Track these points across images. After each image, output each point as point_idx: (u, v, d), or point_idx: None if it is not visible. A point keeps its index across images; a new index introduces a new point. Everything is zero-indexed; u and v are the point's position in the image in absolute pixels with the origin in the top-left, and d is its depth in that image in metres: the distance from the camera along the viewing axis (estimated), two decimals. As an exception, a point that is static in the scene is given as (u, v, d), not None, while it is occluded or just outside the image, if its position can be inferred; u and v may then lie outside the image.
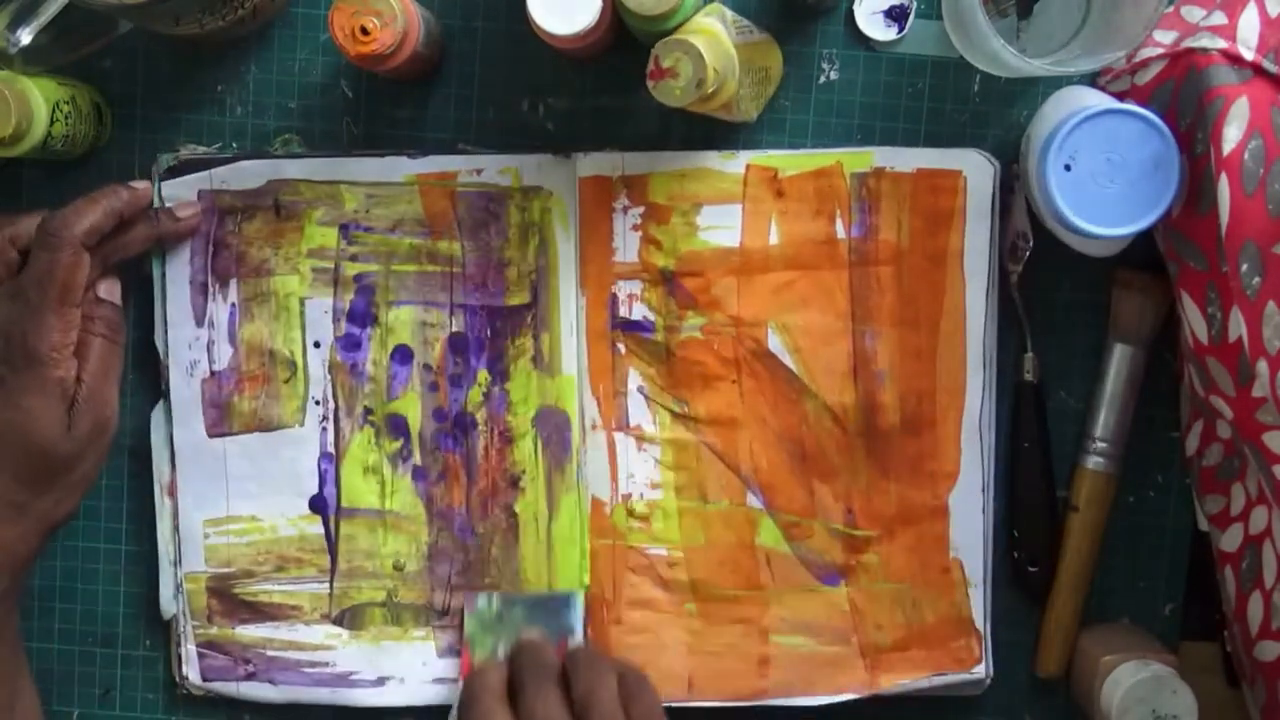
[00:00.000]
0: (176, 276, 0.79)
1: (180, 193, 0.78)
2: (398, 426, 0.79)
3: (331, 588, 0.79)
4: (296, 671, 0.80)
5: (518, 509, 0.79)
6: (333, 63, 0.79)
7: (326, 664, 0.80)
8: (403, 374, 0.79)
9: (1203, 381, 0.71)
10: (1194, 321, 0.70)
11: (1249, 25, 0.66)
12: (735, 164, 0.77)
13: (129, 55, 0.79)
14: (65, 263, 0.71)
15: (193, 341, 0.79)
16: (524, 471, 0.78)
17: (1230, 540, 0.74)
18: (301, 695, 0.80)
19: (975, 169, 0.76)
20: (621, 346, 0.78)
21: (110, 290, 0.76)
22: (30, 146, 0.73)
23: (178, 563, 0.80)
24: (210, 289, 0.79)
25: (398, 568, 0.79)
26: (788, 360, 0.78)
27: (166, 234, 0.77)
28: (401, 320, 0.79)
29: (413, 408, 0.79)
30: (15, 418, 0.71)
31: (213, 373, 0.79)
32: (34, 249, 0.72)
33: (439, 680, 0.79)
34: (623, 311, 0.78)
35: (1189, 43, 0.67)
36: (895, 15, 0.77)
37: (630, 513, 0.78)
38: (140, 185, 0.77)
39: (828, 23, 0.78)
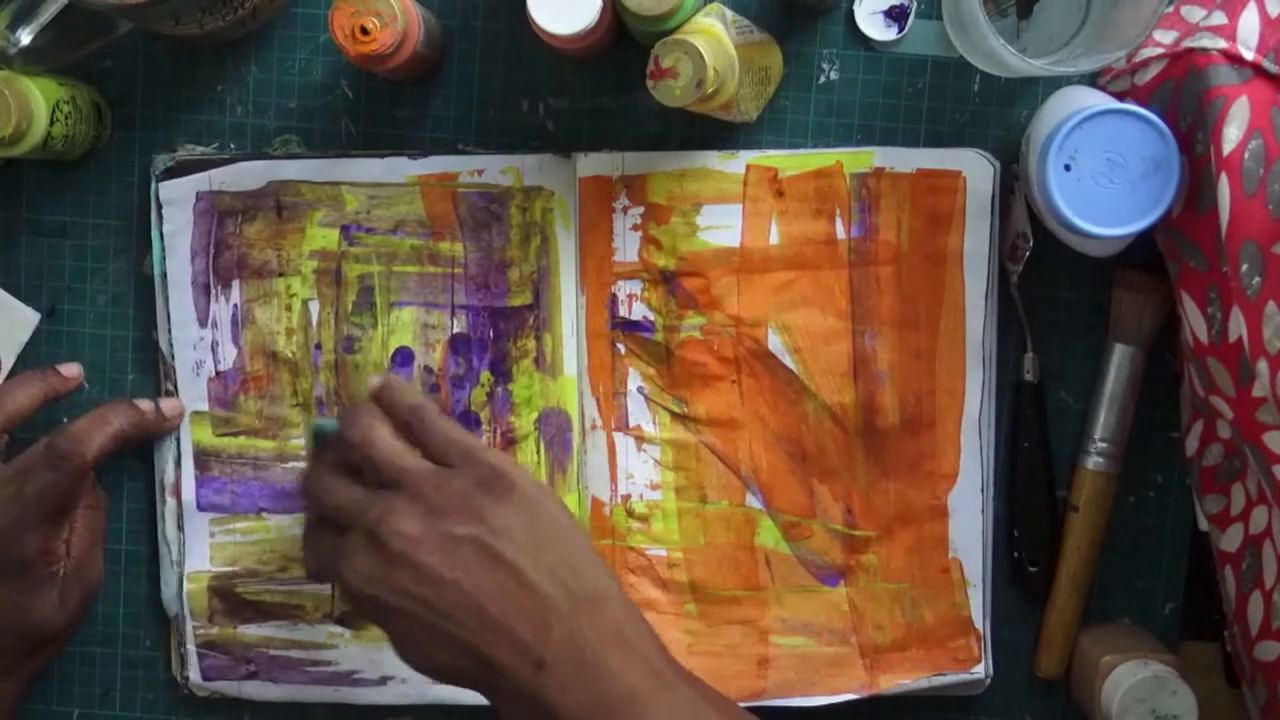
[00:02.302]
0: (178, 277, 0.78)
1: (178, 194, 0.78)
2: (398, 426, 0.79)
3: (334, 588, 0.79)
4: (299, 670, 0.80)
5: (518, 509, 0.78)
6: (333, 63, 0.79)
7: (329, 663, 0.80)
8: (404, 375, 0.79)
9: (1203, 381, 0.71)
10: (1194, 321, 0.70)
11: (1249, 25, 0.66)
12: (735, 164, 0.77)
13: (129, 55, 0.79)
14: (69, 483, 0.73)
15: (197, 342, 0.79)
16: (525, 472, 0.79)
17: (1230, 540, 0.74)
18: (304, 694, 0.80)
19: (975, 169, 0.76)
20: (621, 346, 0.78)
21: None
22: (30, 146, 0.73)
23: (180, 562, 0.80)
24: (213, 290, 0.79)
25: (398, 567, 0.79)
26: (787, 360, 0.78)
27: (151, 432, 0.78)
28: (403, 322, 0.79)
29: (413, 408, 0.79)
30: (11, 613, 0.74)
31: (218, 373, 0.79)
32: (40, 463, 0.73)
33: (441, 680, 0.80)
34: (622, 311, 0.78)
35: (1189, 43, 0.67)
36: (895, 15, 0.77)
37: (630, 513, 0.78)
38: (144, 404, 0.77)
39: (828, 23, 0.78)
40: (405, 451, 0.67)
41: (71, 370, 0.78)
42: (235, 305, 0.79)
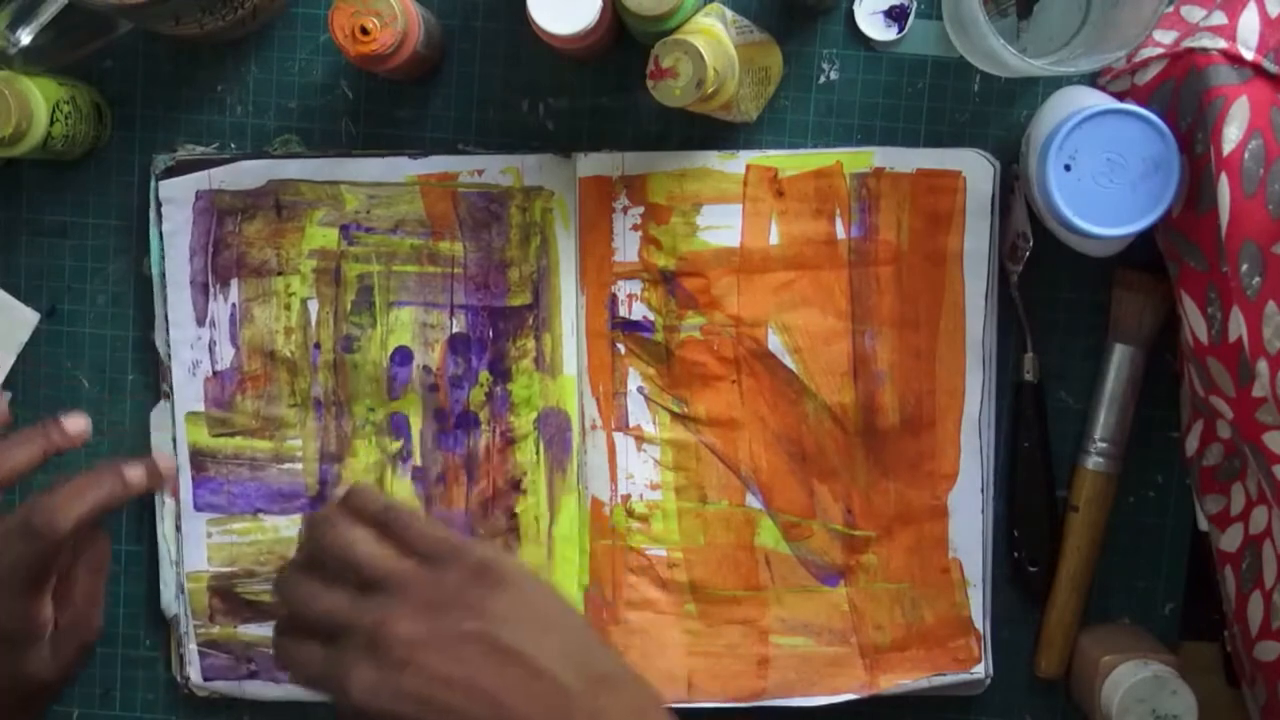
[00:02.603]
0: (177, 276, 0.78)
1: (178, 193, 0.78)
2: (399, 426, 0.79)
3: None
4: (298, 671, 0.80)
5: (518, 510, 0.79)
6: (333, 63, 0.79)
7: (328, 663, 0.80)
8: (403, 375, 0.79)
9: (1203, 381, 0.71)
10: (1194, 321, 0.70)
11: (1249, 25, 0.66)
12: (735, 164, 0.77)
13: (129, 55, 0.79)
14: (44, 556, 0.69)
15: (194, 341, 0.79)
16: (525, 474, 0.78)
17: (1230, 540, 0.74)
18: (304, 693, 0.80)
19: (975, 169, 0.76)
20: (621, 346, 0.78)
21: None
22: (30, 146, 0.73)
23: (179, 562, 0.80)
24: (211, 289, 0.79)
25: (398, 568, 0.79)
26: (787, 360, 0.78)
27: (152, 489, 0.76)
28: (402, 321, 0.79)
29: (414, 407, 0.79)
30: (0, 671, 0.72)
31: (215, 373, 0.79)
32: (15, 535, 0.69)
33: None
34: (622, 311, 0.78)
35: (1189, 43, 0.67)
36: (895, 15, 0.77)
37: (630, 513, 0.78)
38: (132, 474, 0.73)
39: (828, 23, 0.78)
40: (388, 553, 0.63)
41: (76, 426, 0.74)
42: (234, 304, 0.79)
